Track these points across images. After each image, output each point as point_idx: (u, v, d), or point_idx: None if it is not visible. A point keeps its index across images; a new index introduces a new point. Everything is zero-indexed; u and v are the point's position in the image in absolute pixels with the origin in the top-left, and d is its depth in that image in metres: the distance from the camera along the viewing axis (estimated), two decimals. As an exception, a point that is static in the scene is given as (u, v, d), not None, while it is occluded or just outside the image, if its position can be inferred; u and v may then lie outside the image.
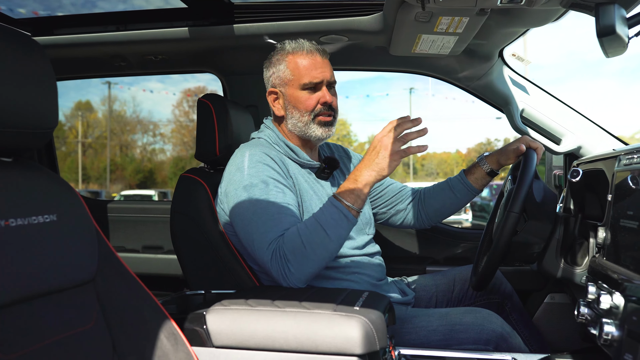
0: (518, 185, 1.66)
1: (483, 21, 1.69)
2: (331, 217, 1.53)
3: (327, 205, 1.56)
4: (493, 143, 43.60)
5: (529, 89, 2.29)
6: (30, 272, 1.02)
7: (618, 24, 1.26)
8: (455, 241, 2.60)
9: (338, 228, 1.53)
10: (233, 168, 1.72)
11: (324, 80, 1.80)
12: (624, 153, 1.43)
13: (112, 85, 39.10)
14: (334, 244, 1.54)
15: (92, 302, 1.14)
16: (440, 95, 37.71)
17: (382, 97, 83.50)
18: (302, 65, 1.79)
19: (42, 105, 1.10)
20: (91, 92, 51.43)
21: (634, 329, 1.10)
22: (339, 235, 1.54)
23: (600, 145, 2.20)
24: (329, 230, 1.51)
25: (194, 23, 2.14)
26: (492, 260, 1.68)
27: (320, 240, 1.51)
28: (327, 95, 1.80)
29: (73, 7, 2.37)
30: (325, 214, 1.54)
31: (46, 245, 1.07)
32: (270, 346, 1.28)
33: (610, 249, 1.41)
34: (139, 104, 54.47)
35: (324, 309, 1.30)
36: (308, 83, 1.78)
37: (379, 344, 1.26)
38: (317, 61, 1.80)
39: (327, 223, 1.52)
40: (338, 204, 1.54)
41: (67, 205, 1.16)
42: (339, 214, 1.53)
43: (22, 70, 1.06)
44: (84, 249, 1.16)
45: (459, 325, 1.67)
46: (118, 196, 24.86)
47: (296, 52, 1.81)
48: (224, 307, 1.36)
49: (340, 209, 1.53)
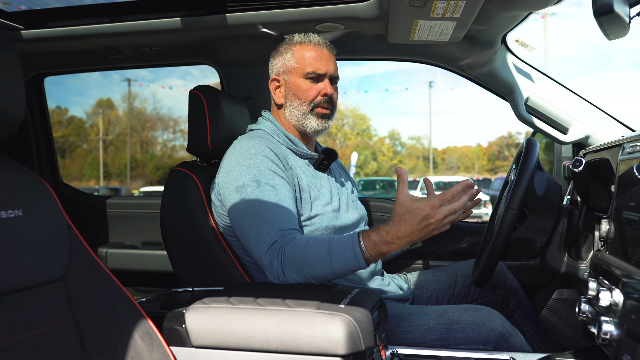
0: (517, 179, 1.59)
1: (480, 4, 1.63)
2: (343, 256, 1.44)
3: (346, 241, 1.45)
4: (515, 136, 43.06)
5: (534, 77, 2.20)
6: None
7: (617, 2, 1.18)
8: (460, 235, 2.52)
9: (345, 267, 1.45)
10: (232, 160, 1.68)
11: (327, 73, 1.82)
12: (627, 141, 1.35)
13: (132, 82, 39.56)
14: (334, 276, 1.48)
15: (61, 300, 1.10)
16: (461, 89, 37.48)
17: (402, 91, 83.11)
18: (308, 56, 1.82)
19: (7, 97, 1.07)
20: (112, 89, 52.10)
21: (633, 327, 1.03)
22: (342, 271, 1.46)
23: (610, 134, 2.10)
24: (335, 263, 1.44)
25: (187, 13, 2.10)
26: (491, 256, 1.62)
27: (322, 265, 1.45)
28: (328, 87, 1.81)
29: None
30: (339, 249, 1.44)
31: (11, 242, 1.03)
32: (250, 346, 1.22)
33: (613, 243, 1.34)
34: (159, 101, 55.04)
35: (307, 307, 1.25)
36: (311, 73, 1.80)
37: (364, 343, 1.20)
38: (323, 54, 1.83)
39: (337, 258, 1.43)
40: (357, 250, 1.43)
41: (36, 199, 1.12)
42: (352, 258, 1.43)
43: None
44: (53, 246, 1.11)
45: (456, 324, 1.60)
46: (138, 192, 25.11)
47: (304, 44, 1.84)
48: (204, 305, 1.30)
49: (356, 255, 1.43)
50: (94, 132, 43.01)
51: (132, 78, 39.71)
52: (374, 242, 1.42)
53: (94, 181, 40.02)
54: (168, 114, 52.09)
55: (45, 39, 2.26)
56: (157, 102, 56.10)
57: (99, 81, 59.15)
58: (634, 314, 1.04)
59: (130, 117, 40.95)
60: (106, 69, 2.78)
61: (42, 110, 2.99)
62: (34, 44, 2.31)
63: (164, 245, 1.86)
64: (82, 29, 2.20)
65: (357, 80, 79.31)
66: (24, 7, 2.28)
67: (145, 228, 2.82)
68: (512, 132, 43.39)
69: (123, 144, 41.41)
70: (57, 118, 40.63)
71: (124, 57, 2.48)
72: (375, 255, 1.43)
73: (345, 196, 1.88)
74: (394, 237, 1.39)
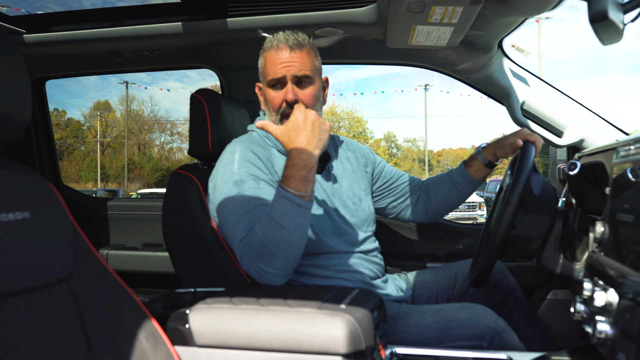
0: (515, 178, 1.62)
1: (478, 10, 1.65)
2: (283, 209, 1.45)
3: (277, 196, 1.47)
4: (508, 139, 43.29)
5: (529, 81, 2.24)
6: (0, 270, 1.00)
7: (611, 9, 1.20)
8: (456, 237, 2.55)
9: (293, 217, 1.45)
10: (221, 164, 1.71)
11: (287, 75, 1.71)
12: (621, 145, 1.38)
13: (130, 85, 39.48)
14: (294, 234, 1.47)
15: (67, 301, 1.12)
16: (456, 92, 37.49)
17: (398, 94, 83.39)
18: (269, 61, 1.73)
19: (13, 100, 1.08)
20: (110, 92, 52.07)
21: (627, 327, 1.05)
22: (296, 224, 1.46)
23: (604, 138, 2.14)
24: (284, 222, 1.44)
25: (188, 18, 2.14)
26: (490, 254, 1.65)
27: (279, 234, 1.45)
28: (289, 93, 1.70)
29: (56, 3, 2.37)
30: (276, 207, 1.46)
31: (17, 244, 1.05)
32: (252, 345, 1.25)
33: (608, 244, 1.36)
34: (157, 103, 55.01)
35: (308, 307, 1.27)
36: (271, 80, 1.73)
37: (364, 343, 1.22)
38: (282, 56, 1.71)
39: (281, 215, 1.45)
40: (287, 194, 1.45)
41: (42, 202, 1.14)
42: (290, 205, 1.45)
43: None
44: (59, 247, 1.13)
45: (452, 322, 1.63)
46: (135, 194, 25.10)
47: (268, 48, 1.75)
48: (207, 305, 1.33)
49: (290, 199, 1.45)
50: (91, 135, 42.93)
51: (130, 81, 39.69)
52: (292, 177, 1.45)
53: (91, 183, 39.96)
54: (165, 116, 52.06)
55: (47, 43, 2.29)
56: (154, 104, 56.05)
57: (97, 84, 59.03)
58: (628, 314, 1.06)
59: (128, 119, 40.87)
60: (107, 73, 2.80)
61: (44, 113, 3.02)
62: (36, 48, 2.33)
63: (166, 247, 1.88)
64: (83, 33, 2.23)
65: (354, 83, 79.52)
66: (24, 11, 2.30)
67: (145, 230, 2.85)
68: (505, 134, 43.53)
69: (120, 146, 41.34)
70: (55, 120, 40.63)
71: (125, 61, 2.51)
72: (303, 185, 1.45)
73: (346, 197, 1.87)
74: (298, 157, 1.46)
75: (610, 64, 79.34)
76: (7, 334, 0.98)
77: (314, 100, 1.75)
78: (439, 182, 2.08)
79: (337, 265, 1.75)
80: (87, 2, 2.28)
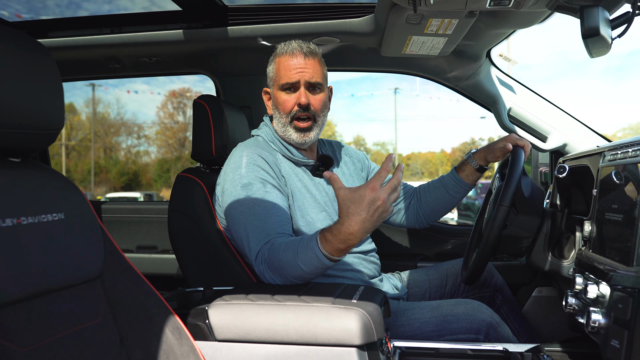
0: (507, 180, 1.71)
1: (472, 23, 1.73)
2: (309, 260, 1.46)
3: (308, 244, 1.46)
4: (477, 142, 44.01)
5: (515, 89, 2.35)
6: (41, 269, 1.05)
7: (602, 25, 1.31)
8: (445, 238, 2.65)
9: (316, 268, 1.48)
10: (229, 168, 1.76)
11: (301, 80, 1.80)
12: (608, 149, 1.49)
13: (95, 87, 38.69)
14: (312, 276, 1.52)
15: (100, 297, 1.17)
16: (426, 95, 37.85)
17: (368, 97, 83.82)
18: (283, 66, 1.82)
19: (49, 106, 1.13)
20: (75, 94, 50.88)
21: (620, 315, 1.15)
22: (316, 270, 1.49)
23: (585, 143, 2.26)
24: (306, 267, 1.48)
25: (188, 25, 2.17)
26: (483, 253, 1.73)
27: (297, 272, 1.50)
28: (302, 97, 1.79)
29: (58, 8, 2.38)
30: (304, 254, 1.47)
31: (56, 243, 1.10)
32: (271, 339, 1.32)
33: (596, 242, 1.46)
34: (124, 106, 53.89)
35: (323, 302, 1.35)
36: (285, 84, 1.81)
37: (376, 335, 1.31)
38: (297, 62, 1.80)
39: (305, 262, 1.47)
40: (318, 252, 1.44)
41: (74, 203, 1.19)
42: (317, 260, 1.45)
43: (29, 72, 1.08)
44: (91, 246, 1.19)
45: (450, 316, 1.72)
46: (103, 199, 24.70)
47: (282, 54, 1.83)
48: (225, 302, 1.39)
49: (319, 258, 1.44)
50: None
51: (96, 83, 38.84)
52: (331, 243, 1.41)
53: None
54: (132, 119, 51.08)
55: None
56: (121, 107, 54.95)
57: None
58: (620, 304, 1.16)
59: (94, 122, 40.11)
60: (103, 78, 2.82)
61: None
62: None
63: (173, 248, 1.92)
64: (83, 40, 2.26)
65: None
66: (24, 17, 2.32)
67: (140, 232, 2.87)
68: (475, 138, 44.27)
69: (86, 149, 40.41)
70: (17, 123, 39.42)
71: (123, 67, 2.53)
72: (338, 253, 1.43)
73: None
74: (346, 233, 1.38)
75: (580, 67, 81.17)
76: (51, 328, 1.03)
77: (322, 106, 1.84)
78: (430, 188, 2.15)
79: (339, 264, 1.82)
80: (87, 9, 2.30)
